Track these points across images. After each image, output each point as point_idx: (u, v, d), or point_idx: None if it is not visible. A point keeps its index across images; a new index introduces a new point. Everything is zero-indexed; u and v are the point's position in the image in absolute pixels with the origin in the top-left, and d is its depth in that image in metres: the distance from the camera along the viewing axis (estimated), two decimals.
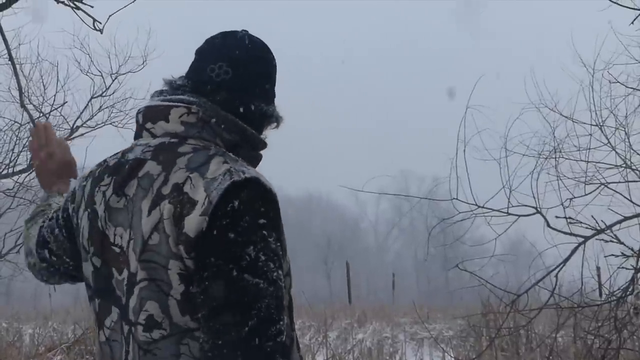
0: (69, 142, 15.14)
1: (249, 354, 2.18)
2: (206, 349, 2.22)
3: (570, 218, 8.07)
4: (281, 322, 2.23)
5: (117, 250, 2.42)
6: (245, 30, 2.66)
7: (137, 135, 2.56)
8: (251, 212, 2.26)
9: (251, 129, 2.53)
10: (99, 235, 2.48)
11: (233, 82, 2.54)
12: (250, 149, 2.55)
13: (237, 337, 2.17)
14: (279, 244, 2.31)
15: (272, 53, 2.67)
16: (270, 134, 2.67)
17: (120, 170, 2.48)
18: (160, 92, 2.58)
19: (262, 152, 2.62)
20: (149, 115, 2.52)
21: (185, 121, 2.46)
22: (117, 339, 2.45)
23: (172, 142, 2.45)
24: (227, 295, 2.21)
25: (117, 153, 2.56)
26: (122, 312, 2.41)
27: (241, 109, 2.54)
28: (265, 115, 2.59)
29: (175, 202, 2.29)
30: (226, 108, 2.51)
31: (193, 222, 2.25)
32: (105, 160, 2.58)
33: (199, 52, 2.62)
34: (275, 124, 2.65)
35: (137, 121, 2.56)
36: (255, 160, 2.58)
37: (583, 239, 8.12)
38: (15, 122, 15.89)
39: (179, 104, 2.49)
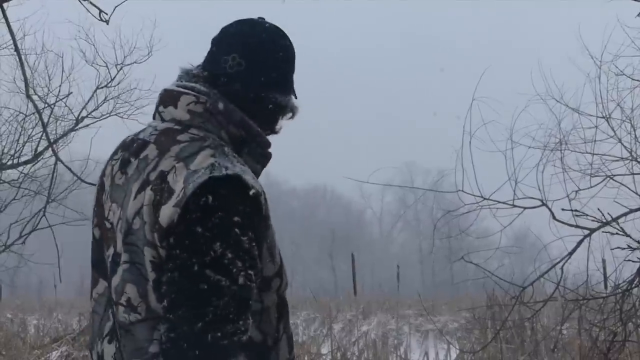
0: (74, 132, 15.04)
1: (201, 349, 2.16)
2: (163, 340, 2.21)
3: (576, 210, 8.04)
4: (241, 322, 2.21)
5: (109, 225, 2.44)
6: (261, 18, 2.63)
7: (153, 117, 2.57)
8: (226, 208, 2.24)
9: (257, 127, 2.51)
10: (100, 207, 2.51)
11: (246, 74, 2.51)
12: (257, 146, 2.52)
13: (190, 332, 2.16)
14: (254, 244, 2.27)
15: (288, 41, 2.63)
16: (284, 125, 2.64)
17: (129, 148, 2.49)
18: (179, 78, 2.58)
19: (270, 150, 2.58)
20: (164, 99, 2.53)
21: (191, 110, 2.46)
22: (98, 312, 2.49)
23: (175, 129, 2.45)
24: (186, 288, 2.20)
25: (139, 130, 2.58)
26: (107, 287, 2.44)
27: (255, 101, 2.52)
28: (279, 106, 2.57)
29: (156, 190, 2.30)
30: (240, 100, 2.50)
31: (166, 212, 2.25)
32: (128, 136, 2.59)
33: (214, 42, 2.60)
34: (290, 114, 2.63)
35: (156, 102, 2.57)
36: (263, 158, 2.55)
37: (589, 231, 8.10)
38: (21, 112, 15.94)
39: (190, 92, 2.48)
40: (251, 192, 2.29)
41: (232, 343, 2.19)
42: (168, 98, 2.51)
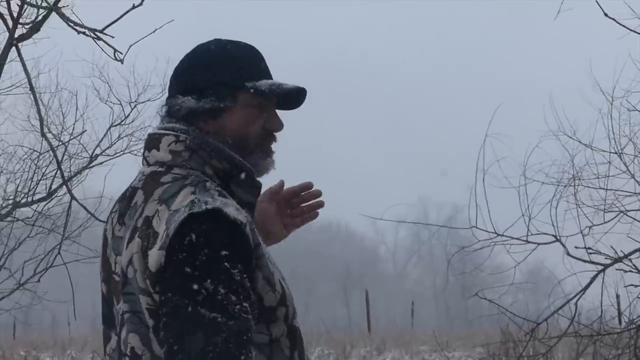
0: (88, 170, 15.04)
1: None
2: None
3: (589, 248, 8.05)
4: (242, 357, 2.15)
5: (117, 279, 2.40)
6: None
7: (142, 163, 2.53)
8: (210, 244, 2.20)
9: (239, 158, 2.45)
10: (106, 262, 2.47)
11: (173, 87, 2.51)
12: (243, 177, 2.46)
13: None
14: (245, 275, 2.23)
15: (216, 44, 2.55)
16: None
17: (124, 199, 2.47)
18: (162, 119, 2.54)
19: (260, 180, 2.52)
20: (147, 144, 2.50)
21: (173, 150, 2.43)
22: None
23: (159, 172, 2.42)
24: (183, 331, 2.15)
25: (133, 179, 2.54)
26: (118, 341, 2.41)
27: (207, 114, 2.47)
28: (211, 110, 2.47)
29: (143, 236, 2.27)
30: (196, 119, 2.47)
31: (154, 256, 2.21)
32: (127, 187, 2.56)
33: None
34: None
35: (142, 149, 2.55)
36: (252, 188, 2.50)
37: (602, 267, 8.10)
38: (35, 151, 15.98)
39: (170, 132, 2.46)
40: (234, 224, 2.24)
41: None
42: (151, 142, 2.48)
